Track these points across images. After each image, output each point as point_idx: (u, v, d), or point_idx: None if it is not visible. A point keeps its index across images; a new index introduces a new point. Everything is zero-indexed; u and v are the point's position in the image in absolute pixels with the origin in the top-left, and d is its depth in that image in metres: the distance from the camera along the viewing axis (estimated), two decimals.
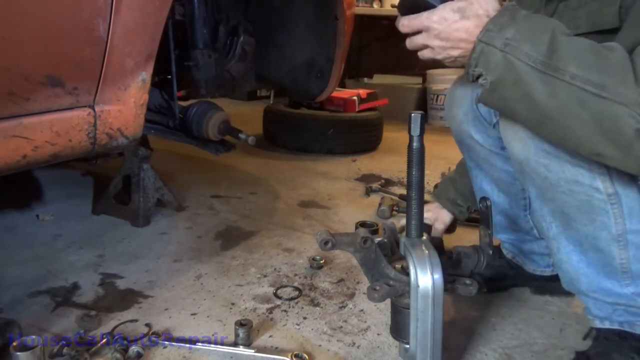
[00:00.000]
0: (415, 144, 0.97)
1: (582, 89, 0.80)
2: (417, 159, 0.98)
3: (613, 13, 0.95)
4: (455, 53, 0.93)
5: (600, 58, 0.81)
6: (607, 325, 1.08)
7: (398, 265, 1.01)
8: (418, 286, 0.93)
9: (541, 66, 0.82)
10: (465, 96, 1.22)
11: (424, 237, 1.01)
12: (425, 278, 0.93)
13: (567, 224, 1.03)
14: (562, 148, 0.93)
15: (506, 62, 0.84)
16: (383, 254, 1.01)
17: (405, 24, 0.96)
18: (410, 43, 0.98)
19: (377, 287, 0.97)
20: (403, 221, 1.26)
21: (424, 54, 0.98)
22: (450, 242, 1.70)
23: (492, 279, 1.37)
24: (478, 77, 0.89)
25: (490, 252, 1.06)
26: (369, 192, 2.24)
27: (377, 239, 1.04)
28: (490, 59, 0.86)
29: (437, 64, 1.02)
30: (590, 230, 0.99)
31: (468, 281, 1.02)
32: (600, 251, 1.01)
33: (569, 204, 0.99)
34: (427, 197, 2.04)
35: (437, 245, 1.27)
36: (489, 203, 1.06)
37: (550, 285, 1.36)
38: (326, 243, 0.97)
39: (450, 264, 1.06)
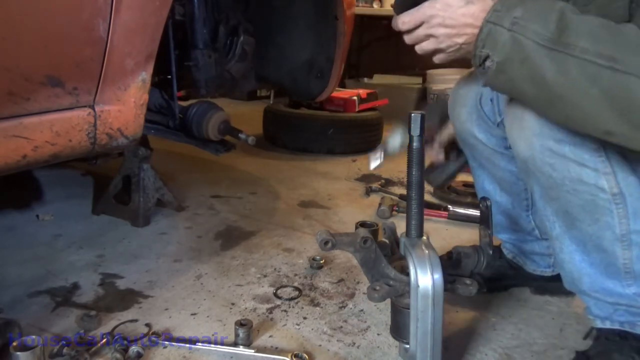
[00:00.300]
0: (415, 144, 0.98)
1: (593, 63, 0.78)
2: (417, 159, 0.98)
3: (623, 7, 0.93)
4: (460, 40, 0.92)
5: (612, 32, 0.79)
6: (607, 325, 1.08)
7: (398, 265, 1.01)
8: (418, 286, 0.93)
9: (550, 43, 0.80)
10: (469, 96, 1.22)
11: (424, 238, 1.01)
12: (425, 278, 0.93)
13: (570, 224, 1.02)
14: (569, 128, 0.91)
15: (514, 41, 0.83)
16: (383, 254, 1.01)
17: (406, 19, 0.96)
18: (410, 37, 0.98)
19: (377, 287, 0.97)
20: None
21: (426, 46, 0.97)
22: (450, 242, 1.70)
23: (492, 279, 1.37)
24: (485, 60, 0.87)
25: (490, 252, 1.06)
26: (369, 192, 2.23)
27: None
28: (498, 39, 0.84)
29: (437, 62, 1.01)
30: (594, 230, 0.99)
31: (468, 281, 1.02)
32: (603, 251, 1.00)
33: (573, 204, 0.98)
34: (427, 197, 2.04)
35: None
36: (489, 203, 1.06)
37: (551, 285, 1.36)
38: (326, 243, 0.97)
39: (450, 264, 1.06)
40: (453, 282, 1.02)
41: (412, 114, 0.96)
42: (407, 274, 0.95)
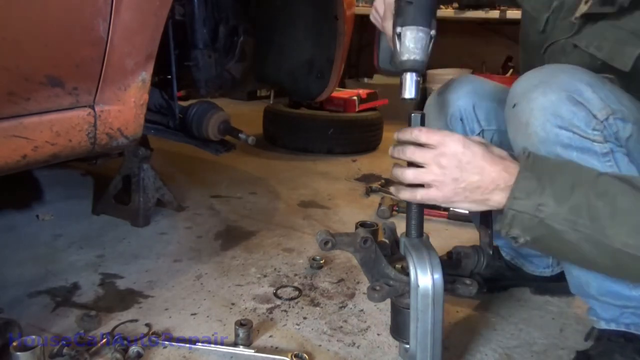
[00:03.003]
0: None
1: (635, 256, 0.80)
2: None
3: (630, 56, 0.95)
4: (470, 195, 0.88)
5: None
6: (612, 326, 1.07)
7: (398, 265, 1.01)
8: (418, 286, 0.93)
9: (584, 229, 0.81)
10: (441, 115, 1.25)
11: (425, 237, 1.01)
12: (425, 278, 0.93)
13: None
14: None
15: (544, 225, 0.83)
16: (383, 254, 1.01)
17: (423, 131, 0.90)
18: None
19: (377, 287, 0.96)
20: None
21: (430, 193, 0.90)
22: (450, 242, 1.70)
23: (492, 279, 1.37)
24: (515, 237, 0.87)
25: (490, 252, 1.06)
26: (369, 192, 2.23)
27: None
28: (526, 224, 0.84)
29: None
30: None
31: (468, 281, 1.02)
32: None
33: None
34: None
35: None
36: None
37: (550, 285, 1.36)
38: (326, 243, 0.96)
39: (450, 264, 1.05)
40: (453, 282, 1.01)
41: (412, 114, 0.96)
42: (407, 274, 0.95)
